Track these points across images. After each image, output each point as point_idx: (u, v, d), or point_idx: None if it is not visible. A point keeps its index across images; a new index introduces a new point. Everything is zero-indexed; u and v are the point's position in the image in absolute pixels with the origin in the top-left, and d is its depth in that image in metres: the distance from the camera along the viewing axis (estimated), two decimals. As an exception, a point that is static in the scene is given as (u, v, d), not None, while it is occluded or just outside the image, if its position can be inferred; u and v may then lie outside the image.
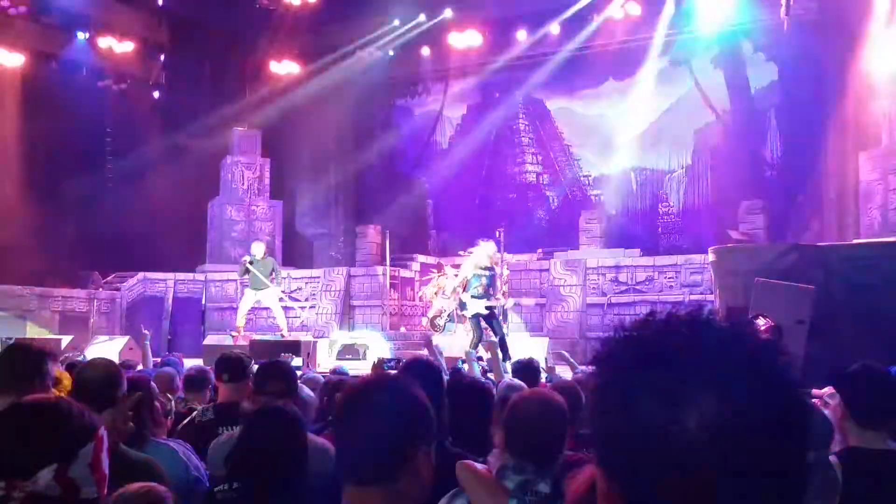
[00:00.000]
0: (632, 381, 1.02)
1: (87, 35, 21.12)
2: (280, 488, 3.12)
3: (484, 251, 13.94)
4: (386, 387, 2.05)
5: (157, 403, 4.51)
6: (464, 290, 13.88)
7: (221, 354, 5.47)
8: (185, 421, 5.15)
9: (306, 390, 5.41)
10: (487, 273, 13.76)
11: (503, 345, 12.90)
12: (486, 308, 13.52)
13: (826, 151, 19.26)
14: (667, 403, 0.98)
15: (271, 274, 16.69)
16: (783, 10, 16.83)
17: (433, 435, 2.08)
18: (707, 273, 15.31)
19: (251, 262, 16.57)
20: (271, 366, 5.00)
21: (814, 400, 4.86)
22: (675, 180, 22.53)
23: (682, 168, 22.42)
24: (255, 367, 5.45)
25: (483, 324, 13.59)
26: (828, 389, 4.82)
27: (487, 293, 13.60)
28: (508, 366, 9.37)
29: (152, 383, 4.74)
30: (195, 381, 6.16)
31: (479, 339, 13.43)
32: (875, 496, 3.29)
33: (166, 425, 4.87)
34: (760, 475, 0.97)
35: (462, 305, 14.01)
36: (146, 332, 10.61)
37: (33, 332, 17.11)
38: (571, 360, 9.90)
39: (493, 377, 7.56)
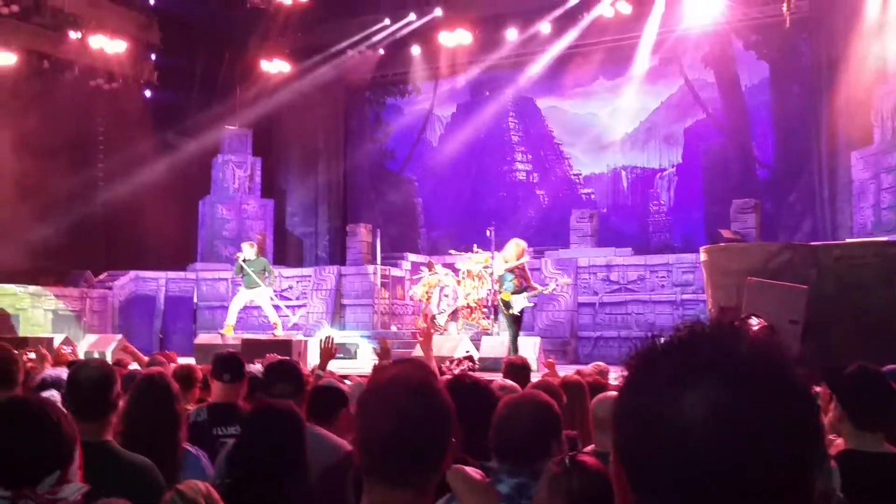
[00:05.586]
0: (662, 395, 1.03)
1: (79, 34, 21.02)
2: (279, 485, 3.10)
3: (517, 246, 13.58)
4: (428, 388, 2.00)
5: None
6: (500, 287, 13.61)
7: (219, 354, 5.36)
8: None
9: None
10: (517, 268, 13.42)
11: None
12: (531, 300, 13.45)
13: (818, 150, 19.31)
14: (691, 421, 0.99)
15: (263, 273, 16.62)
16: (786, 5, 16.81)
17: None
18: (699, 272, 15.31)
19: (245, 261, 16.49)
20: (280, 367, 4.96)
21: None
22: (665, 179, 22.53)
23: (673, 167, 22.42)
24: (258, 367, 5.40)
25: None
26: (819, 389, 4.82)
27: (524, 287, 13.39)
28: None
29: None
30: (182, 382, 6.10)
31: (516, 336, 13.32)
32: (872, 499, 3.29)
33: None
34: (769, 492, 0.98)
35: (507, 305, 13.40)
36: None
37: (26, 330, 17.09)
38: None
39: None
